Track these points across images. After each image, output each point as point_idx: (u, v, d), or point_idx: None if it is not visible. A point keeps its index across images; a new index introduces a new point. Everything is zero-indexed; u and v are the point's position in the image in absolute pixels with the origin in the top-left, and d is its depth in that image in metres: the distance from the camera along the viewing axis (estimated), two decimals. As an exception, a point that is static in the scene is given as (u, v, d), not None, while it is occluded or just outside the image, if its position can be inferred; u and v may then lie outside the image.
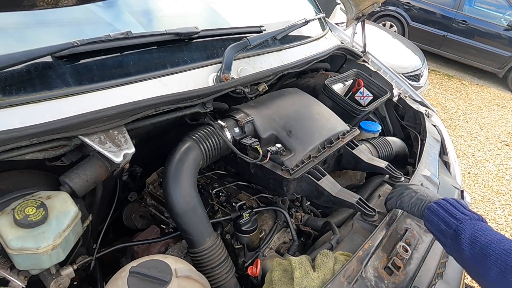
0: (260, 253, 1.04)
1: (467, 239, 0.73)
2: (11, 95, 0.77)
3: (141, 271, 0.71)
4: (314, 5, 1.81)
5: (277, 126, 1.11)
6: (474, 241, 0.72)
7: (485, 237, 0.71)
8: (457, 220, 0.77)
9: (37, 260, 0.68)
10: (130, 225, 1.23)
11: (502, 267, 0.66)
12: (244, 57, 1.25)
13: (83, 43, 0.85)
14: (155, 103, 0.92)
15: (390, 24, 7.02)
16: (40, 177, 0.87)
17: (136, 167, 1.12)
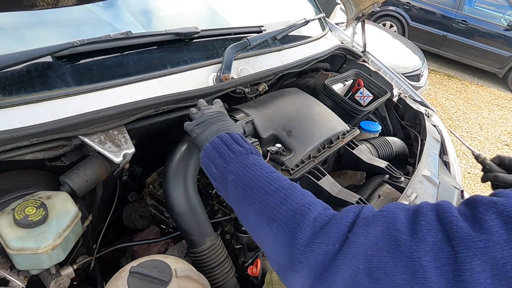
0: (260, 253, 1.04)
1: (231, 182, 0.62)
2: (11, 95, 0.77)
3: (141, 271, 0.71)
4: (314, 5, 1.81)
5: (277, 126, 1.11)
6: (236, 181, 0.61)
7: (249, 174, 0.60)
8: (225, 161, 0.65)
9: (37, 260, 0.68)
10: (130, 225, 1.23)
11: (259, 208, 0.56)
12: (244, 57, 1.25)
13: (83, 43, 0.85)
14: (155, 103, 0.92)
15: (390, 24, 7.03)
16: (40, 177, 0.87)
17: (136, 167, 1.12)
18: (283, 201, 0.55)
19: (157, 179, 1.21)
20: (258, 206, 0.57)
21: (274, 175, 0.61)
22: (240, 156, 0.65)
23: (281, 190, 0.57)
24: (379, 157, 1.40)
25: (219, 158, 0.67)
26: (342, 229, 0.48)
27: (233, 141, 0.69)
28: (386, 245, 0.43)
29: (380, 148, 1.42)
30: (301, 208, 0.53)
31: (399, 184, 1.19)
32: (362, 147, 1.30)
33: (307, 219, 0.51)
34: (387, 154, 1.44)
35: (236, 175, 0.62)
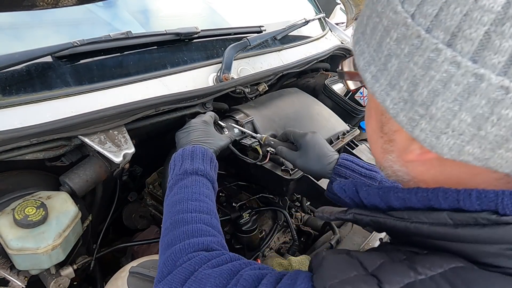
0: (260, 253, 1.04)
1: (166, 194, 0.73)
2: (11, 95, 0.77)
3: (141, 271, 0.71)
4: (314, 5, 1.81)
5: (277, 127, 1.11)
6: (166, 195, 0.72)
7: (175, 193, 0.70)
8: (172, 172, 0.74)
9: (37, 260, 0.68)
10: (130, 225, 1.23)
11: (166, 226, 0.67)
12: (244, 57, 1.25)
13: (83, 43, 0.85)
14: (155, 103, 0.92)
15: (390, 24, 7.02)
16: (40, 177, 0.87)
17: (136, 167, 1.12)
18: (173, 237, 0.62)
19: (157, 179, 1.21)
20: (164, 224, 0.66)
21: (189, 204, 0.65)
22: (182, 175, 0.71)
23: (181, 222, 0.63)
24: (379, 157, 1.40)
25: (172, 171, 0.74)
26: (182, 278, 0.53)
27: (189, 156, 0.74)
28: None
29: (380, 148, 1.42)
30: (177, 250, 0.58)
31: (399, 184, 1.18)
32: (362, 147, 1.30)
33: (172, 262, 0.57)
34: (387, 154, 1.44)
35: (170, 190, 0.70)
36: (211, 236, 0.61)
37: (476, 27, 0.28)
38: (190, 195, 0.67)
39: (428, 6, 0.31)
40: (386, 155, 0.44)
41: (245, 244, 1.02)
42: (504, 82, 0.28)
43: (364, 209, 0.48)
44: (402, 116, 0.35)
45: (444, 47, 0.30)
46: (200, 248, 0.57)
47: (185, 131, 0.85)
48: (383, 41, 0.35)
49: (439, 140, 0.33)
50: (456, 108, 0.31)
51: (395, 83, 0.35)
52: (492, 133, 0.30)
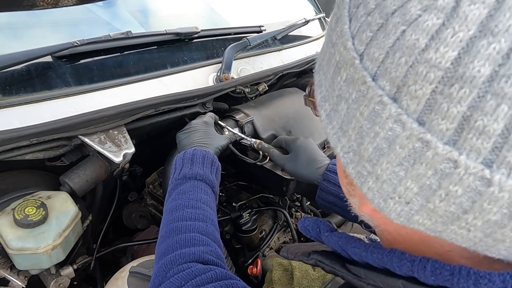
0: (260, 253, 1.04)
1: (166, 197, 0.73)
2: (11, 95, 0.77)
3: (141, 271, 0.71)
4: (314, 5, 1.81)
5: (277, 126, 1.11)
6: (166, 200, 0.72)
7: (174, 198, 0.70)
8: (173, 177, 0.74)
9: (37, 260, 0.68)
10: (130, 225, 1.23)
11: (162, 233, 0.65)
12: (244, 57, 1.25)
13: (83, 43, 0.85)
14: (155, 103, 0.92)
15: (390, 24, 7.03)
16: (40, 177, 0.87)
17: (136, 167, 1.12)
18: (168, 246, 0.60)
19: (157, 179, 1.21)
20: (161, 232, 0.64)
21: (185, 212, 0.64)
22: (182, 179, 0.71)
23: (175, 231, 0.62)
24: (379, 157, 1.40)
25: (172, 175, 0.73)
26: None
27: (189, 160, 0.73)
28: None
29: (380, 148, 1.42)
30: (168, 261, 0.56)
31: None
32: (362, 147, 1.30)
33: (169, 272, 0.55)
34: (387, 154, 1.44)
35: (168, 196, 0.70)
36: (204, 245, 0.59)
37: (422, 84, 0.24)
38: (187, 201, 0.66)
39: (375, 49, 0.26)
40: (350, 197, 0.39)
41: (245, 244, 1.02)
42: (453, 154, 0.23)
43: (326, 257, 0.44)
44: (351, 168, 0.30)
45: (389, 101, 0.25)
46: (191, 259, 0.56)
47: (186, 132, 0.85)
48: (335, 78, 0.30)
49: (387, 204, 0.29)
50: (401, 174, 0.26)
51: (345, 129, 0.30)
52: (441, 208, 0.26)
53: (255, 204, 1.17)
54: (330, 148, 1.15)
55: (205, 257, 0.57)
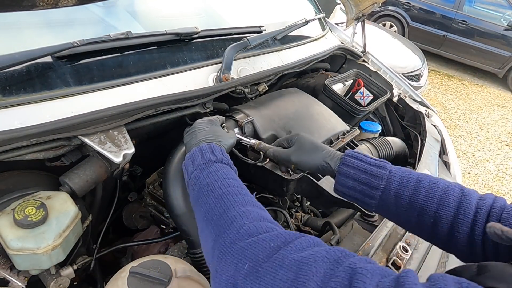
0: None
1: (191, 185, 0.68)
2: (11, 95, 0.77)
3: (141, 271, 0.71)
4: (314, 5, 1.81)
5: (277, 127, 1.11)
6: (195, 184, 0.67)
7: (207, 179, 0.65)
8: (194, 167, 0.70)
9: (37, 260, 0.68)
10: (130, 225, 1.23)
11: (204, 210, 0.59)
12: (244, 57, 1.25)
13: (83, 43, 0.85)
14: (155, 103, 0.92)
15: (390, 24, 7.02)
16: (40, 177, 0.87)
17: (136, 167, 1.12)
18: (223, 208, 0.57)
19: (157, 179, 1.21)
20: (203, 207, 0.60)
21: (229, 182, 0.63)
22: (207, 163, 0.69)
23: (226, 197, 0.59)
24: (379, 157, 1.40)
25: (191, 164, 0.71)
26: (257, 253, 0.46)
27: (208, 150, 0.72)
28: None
29: (380, 148, 1.42)
30: (234, 218, 0.53)
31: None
32: (362, 147, 1.30)
33: (231, 230, 0.51)
34: (387, 154, 1.44)
35: (196, 179, 0.67)
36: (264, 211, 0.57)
37: None
38: (224, 176, 0.64)
39: None
40: None
41: (245, 244, 1.02)
42: None
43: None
44: None
45: None
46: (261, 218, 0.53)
47: (193, 131, 0.84)
48: None
49: None
50: None
51: None
52: None
53: (255, 204, 1.17)
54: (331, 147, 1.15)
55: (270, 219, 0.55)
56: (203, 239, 0.57)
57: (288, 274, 0.41)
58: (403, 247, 0.92)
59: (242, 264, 0.45)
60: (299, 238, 0.47)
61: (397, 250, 0.91)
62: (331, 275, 0.39)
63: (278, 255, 0.44)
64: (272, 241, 0.47)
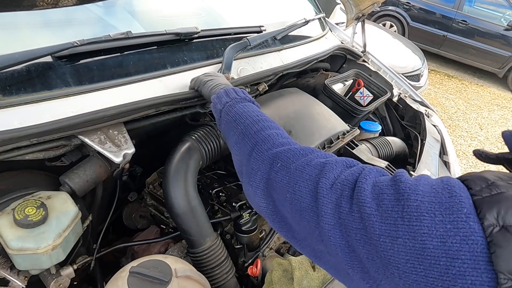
0: (260, 253, 1.04)
1: (224, 118, 0.75)
2: (11, 95, 0.77)
3: (141, 271, 0.71)
4: (314, 5, 1.81)
5: (277, 126, 1.11)
6: (227, 113, 0.74)
7: (239, 110, 0.73)
8: (221, 105, 0.77)
9: (37, 260, 0.68)
10: (130, 225, 1.23)
11: (239, 133, 0.68)
12: (244, 57, 1.25)
13: (83, 43, 0.85)
14: (155, 103, 0.92)
15: (390, 24, 7.02)
16: (40, 177, 0.87)
17: (136, 167, 1.12)
18: (259, 127, 0.66)
19: (157, 179, 1.21)
20: (241, 126, 0.69)
21: (260, 113, 0.72)
22: (236, 100, 0.77)
23: (261, 122, 0.68)
24: (379, 157, 1.40)
25: (219, 103, 0.78)
26: (289, 156, 0.57)
27: (232, 91, 0.79)
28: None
29: (380, 148, 1.42)
30: (269, 135, 0.63)
31: (399, 184, 1.18)
32: (362, 147, 1.30)
33: (268, 142, 0.62)
34: (387, 154, 1.44)
35: (229, 111, 0.74)
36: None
37: None
38: (254, 109, 0.72)
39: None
40: None
41: (245, 244, 1.02)
42: None
43: None
44: None
45: None
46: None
47: (209, 80, 0.90)
48: None
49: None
50: None
51: None
52: None
53: (255, 204, 1.17)
54: (331, 147, 1.15)
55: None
56: (239, 149, 0.67)
57: (313, 171, 0.51)
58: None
59: (275, 163, 0.57)
60: (324, 152, 0.58)
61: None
62: (345, 171, 0.49)
63: (307, 158, 0.55)
64: (303, 150, 0.57)
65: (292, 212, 0.51)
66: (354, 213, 0.43)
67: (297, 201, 0.50)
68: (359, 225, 0.42)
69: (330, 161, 0.52)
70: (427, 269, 0.35)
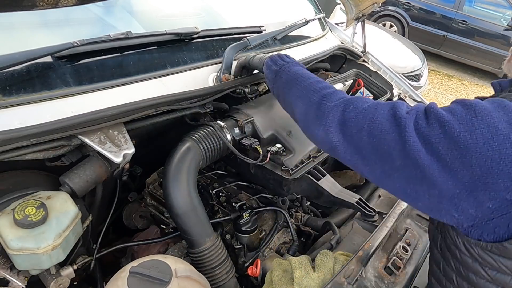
0: (260, 253, 1.04)
1: (279, 77, 0.89)
2: (11, 95, 0.77)
3: (141, 271, 0.71)
4: (314, 5, 1.81)
5: (277, 126, 1.11)
6: (283, 72, 0.89)
7: (299, 71, 0.87)
8: (277, 66, 0.91)
9: (37, 260, 0.68)
10: (130, 225, 1.23)
11: (307, 87, 0.80)
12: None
13: (83, 43, 0.85)
14: (155, 103, 0.92)
15: (390, 24, 7.02)
16: (40, 177, 0.87)
17: (136, 167, 1.12)
18: (323, 85, 0.80)
19: (157, 179, 1.21)
20: (305, 83, 0.82)
21: (313, 74, 0.85)
22: (289, 63, 0.91)
23: (321, 81, 0.82)
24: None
25: (274, 65, 0.92)
26: (356, 100, 0.71)
27: (281, 56, 0.94)
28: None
29: (380, 148, 1.42)
30: (333, 91, 0.76)
31: (399, 184, 1.18)
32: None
33: (335, 95, 0.75)
34: (387, 154, 1.44)
35: (288, 70, 0.88)
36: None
37: None
38: (309, 73, 0.86)
39: None
40: None
41: (245, 244, 1.02)
42: None
43: None
44: None
45: None
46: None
47: (254, 53, 1.09)
48: None
49: None
50: None
51: None
52: None
53: (255, 204, 1.17)
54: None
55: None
56: (303, 100, 0.79)
57: (386, 106, 0.65)
58: (403, 247, 0.92)
59: (348, 106, 0.70)
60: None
61: (397, 250, 0.91)
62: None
63: (374, 101, 0.69)
64: (367, 99, 0.71)
65: (369, 138, 0.63)
66: (432, 124, 0.56)
67: (376, 128, 0.62)
68: (437, 132, 0.55)
69: (396, 101, 0.66)
70: (500, 144, 0.51)
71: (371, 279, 0.83)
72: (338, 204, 1.05)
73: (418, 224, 1.04)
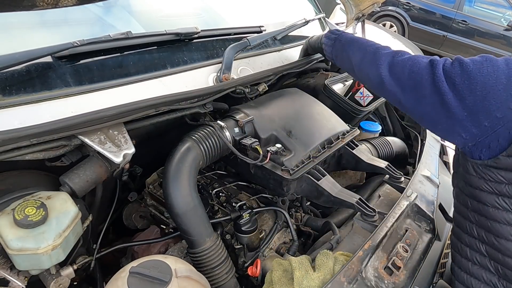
0: (260, 253, 1.04)
1: (338, 43, 1.13)
2: (11, 95, 0.77)
3: (141, 271, 0.71)
4: (314, 5, 1.81)
5: (277, 126, 1.11)
6: (345, 38, 1.13)
7: (354, 37, 1.11)
8: (335, 35, 1.16)
9: (37, 260, 0.68)
10: (130, 225, 1.23)
11: (362, 45, 1.04)
12: (244, 57, 1.25)
13: (83, 43, 0.85)
14: (155, 103, 0.92)
15: (390, 24, 7.02)
16: (40, 177, 0.87)
17: (136, 167, 1.12)
18: (377, 45, 1.01)
19: (157, 179, 1.21)
20: (365, 45, 1.03)
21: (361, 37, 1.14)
22: (345, 32, 1.16)
23: (374, 43, 1.04)
24: (379, 157, 1.40)
25: (332, 34, 1.17)
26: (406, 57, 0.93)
27: (340, 30, 1.19)
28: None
29: (380, 148, 1.42)
30: (390, 51, 0.97)
31: (399, 184, 1.19)
32: (362, 147, 1.30)
33: (384, 57, 0.95)
34: (387, 154, 1.44)
35: (345, 37, 1.13)
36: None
37: None
38: (362, 38, 1.10)
39: None
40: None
41: (245, 244, 1.02)
42: None
43: None
44: None
45: None
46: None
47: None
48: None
49: None
50: None
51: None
52: None
53: (255, 204, 1.17)
54: (331, 147, 1.15)
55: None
56: (361, 52, 1.02)
57: (425, 57, 0.88)
58: (403, 247, 0.92)
59: (396, 54, 0.93)
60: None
61: (397, 250, 0.91)
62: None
63: (414, 55, 0.92)
64: (408, 53, 0.93)
65: (410, 74, 0.86)
66: (454, 64, 0.78)
67: (416, 66, 0.85)
68: (457, 69, 0.76)
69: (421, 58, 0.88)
70: (497, 76, 0.71)
71: (371, 279, 0.83)
72: (338, 204, 1.04)
73: (418, 224, 1.03)
